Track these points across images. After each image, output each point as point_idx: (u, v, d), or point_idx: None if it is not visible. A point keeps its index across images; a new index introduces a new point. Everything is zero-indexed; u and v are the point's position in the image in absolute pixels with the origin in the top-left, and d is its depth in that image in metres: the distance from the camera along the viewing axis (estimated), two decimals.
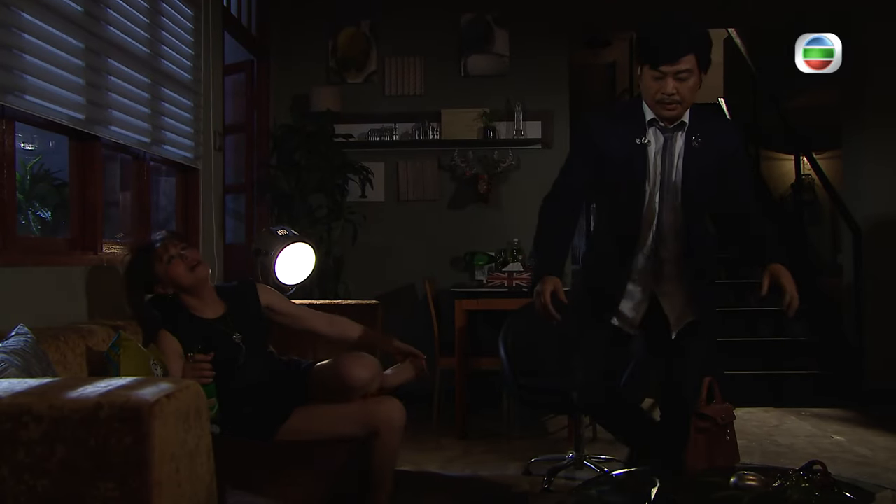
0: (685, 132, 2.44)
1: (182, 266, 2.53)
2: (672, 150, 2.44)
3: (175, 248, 2.55)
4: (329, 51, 5.42)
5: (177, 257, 2.53)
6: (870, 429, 4.46)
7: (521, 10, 5.36)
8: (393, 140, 5.32)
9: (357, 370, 2.45)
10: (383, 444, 2.51)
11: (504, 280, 4.88)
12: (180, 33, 3.54)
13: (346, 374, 2.44)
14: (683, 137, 2.45)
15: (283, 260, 3.60)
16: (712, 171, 2.45)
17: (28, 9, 2.35)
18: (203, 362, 2.32)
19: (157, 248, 2.54)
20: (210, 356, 2.35)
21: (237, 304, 2.66)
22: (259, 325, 2.70)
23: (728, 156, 2.47)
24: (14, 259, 2.37)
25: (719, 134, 2.48)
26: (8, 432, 1.29)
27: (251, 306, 2.71)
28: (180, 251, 2.55)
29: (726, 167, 2.46)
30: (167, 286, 2.54)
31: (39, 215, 5.53)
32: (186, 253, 2.56)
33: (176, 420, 1.33)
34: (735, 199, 2.50)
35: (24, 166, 5.52)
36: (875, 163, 5.44)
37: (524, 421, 4.33)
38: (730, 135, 2.52)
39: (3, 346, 1.83)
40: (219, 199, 4.07)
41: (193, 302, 2.57)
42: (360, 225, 4.90)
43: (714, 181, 2.46)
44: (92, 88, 2.72)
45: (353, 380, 2.44)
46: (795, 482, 1.85)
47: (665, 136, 2.44)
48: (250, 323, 2.65)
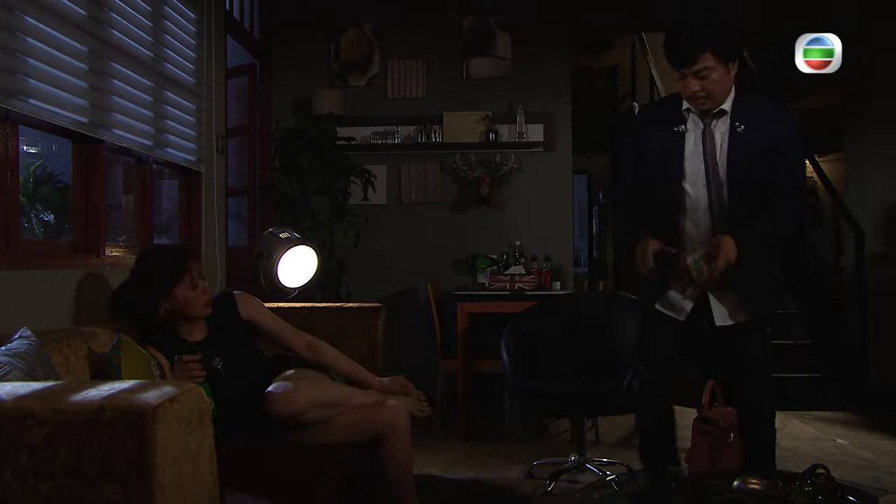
0: (729, 118, 2.44)
1: (203, 298, 2.48)
2: (713, 137, 2.45)
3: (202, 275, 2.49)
4: (331, 54, 5.42)
5: (201, 286, 2.47)
6: (873, 432, 4.45)
7: (523, 13, 5.36)
8: (395, 143, 5.33)
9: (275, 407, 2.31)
10: (390, 449, 2.43)
11: (506, 283, 4.89)
12: (183, 37, 3.55)
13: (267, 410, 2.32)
14: (727, 124, 2.44)
15: (285, 263, 3.60)
16: (760, 156, 2.41)
17: (31, 12, 2.36)
18: (192, 362, 2.29)
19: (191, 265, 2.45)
20: (198, 356, 2.32)
21: (218, 322, 2.58)
22: (242, 338, 2.63)
23: (776, 142, 2.43)
24: (17, 262, 2.37)
25: (767, 121, 2.45)
26: (11, 435, 1.29)
27: (232, 320, 2.63)
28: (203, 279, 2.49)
29: (774, 152, 2.43)
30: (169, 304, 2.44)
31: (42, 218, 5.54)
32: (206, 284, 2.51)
33: (179, 423, 1.33)
34: (775, 181, 2.45)
35: (28, 169, 5.54)
36: (878, 164, 5.44)
37: (527, 424, 4.33)
38: (779, 121, 2.47)
39: (6, 349, 1.83)
40: (221, 201, 4.08)
41: (181, 323, 2.50)
42: (363, 228, 4.91)
43: (762, 166, 2.42)
44: (95, 92, 2.72)
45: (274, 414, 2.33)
46: (798, 486, 1.84)
47: (704, 123, 2.46)
48: (233, 338, 2.59)
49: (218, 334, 2.56)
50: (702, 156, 2.45)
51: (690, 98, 2.42)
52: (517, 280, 4.85)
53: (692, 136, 2.47)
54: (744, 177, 2.43)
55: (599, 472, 3.49)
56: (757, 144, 2.42)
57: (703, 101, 2.40)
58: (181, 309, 2.46)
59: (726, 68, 2.37)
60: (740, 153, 2.42)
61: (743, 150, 2.42)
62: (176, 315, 2.47)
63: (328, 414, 2.39)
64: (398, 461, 2.45)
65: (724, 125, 2.45)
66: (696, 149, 2.46)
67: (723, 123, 2.45)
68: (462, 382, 4.31)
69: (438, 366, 4.56)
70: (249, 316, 2.69)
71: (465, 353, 4.29)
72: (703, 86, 2.36)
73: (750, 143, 2.42)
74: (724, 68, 2.36)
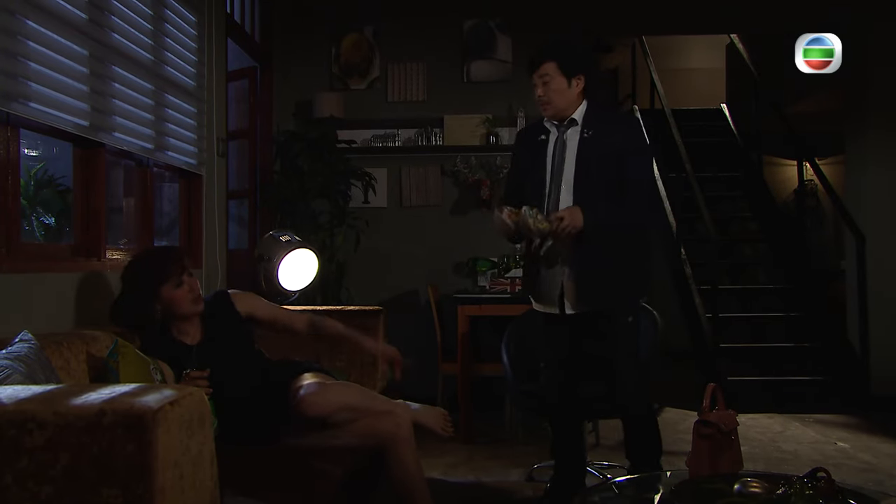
0: (579, 127, 2.84)
1: (190, 295, 2.49)
2: (564, 143, 2.85)
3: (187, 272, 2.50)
4: (332, 57, 5.43)
5: (186, 284, 2.48)
6: (874, 435, 4.45)
7: (523, 16, 5.37)
8: (396, 146, 5.33)
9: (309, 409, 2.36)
10: (395, 459, 2.39)
11: (507, 286, 4.88)
12: (184, 40, 3.55)
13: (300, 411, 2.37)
14: (578, 131, 2.85)
15: (285, 266, 3.61)
16: (605, 159, 2.77)
17: (32, 16, 2.36)
18: (200, 379, 2.27)
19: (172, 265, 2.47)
20: (206, 373, 2.30)
21: (215, 323, 2.58)
22: (240, 337, 2.64)
23: (623, 149, 2.78)
24: (18, 265, 2.37)
25: (615, 130, 2.85)
26: (12, 439, 1.29)
27: (229, 319, 2.64)
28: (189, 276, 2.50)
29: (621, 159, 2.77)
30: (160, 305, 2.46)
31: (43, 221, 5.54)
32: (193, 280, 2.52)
33: (179, 427, 1.33)
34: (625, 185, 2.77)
35: (28, 172, 5.54)
36: (878, 167, 5.44)
37: (527, 427, 4.32)
38: (625, 131, 2.86)
39: (6, 352, 1.83)
40: (222, 204, 4.08)
41: (176, 323, 2.51)
42: (363, 231, 4.91)
43: (608, 169, 2.77)
44: (96, 95, 2.73)
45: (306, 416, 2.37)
46: (799, 489, 1.84)
47: (559, 132, 2.88)
48: (231, 339, 2.59)
49: (215, 335, 2.56)
50: (553, 158, 2.86)
51: (537, 103, 2.87)
52: (518, 283, 4.84)
53: (551, 143, 2.89)
54: (590, 176, 2.77)
55: (600, 475, 3.49)
56: (603, 149, 2.78)
57: (544, 105, 2.84)
58: (171, 309, 2.47)
59: (566, 80, 2.81)
60: (585, 156, 2.80)
61: (588, 153, 2.80)
62: (168, 316, 2.48)
63: (353, 417, 2.42)
64: (404, 477, 2.39)
65: (574, 133, 2.85)
66: (553, 151, 2.87)
67: (574, 131, 2.85)
68: (462, 385, 4.31)
69: (439, 369, 4.55)
70: (247, 310, 2.70)
71: (465, 356, 4.29)
72: (545, 91, 2.81)
73: (596, 148, 2.79)
74: (563, 80, 2.80)
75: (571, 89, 2.82)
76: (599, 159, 2.78)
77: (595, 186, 2.76)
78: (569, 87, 2.82)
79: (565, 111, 2.84)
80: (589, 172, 2.78)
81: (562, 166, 2.82)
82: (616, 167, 2.76)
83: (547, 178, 2.85)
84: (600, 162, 2.77)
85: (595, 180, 2.77)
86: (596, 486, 2.93)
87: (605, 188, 2.77)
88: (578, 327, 2.87)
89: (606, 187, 2.76)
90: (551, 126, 2.90)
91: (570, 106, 2.84)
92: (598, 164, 2.77)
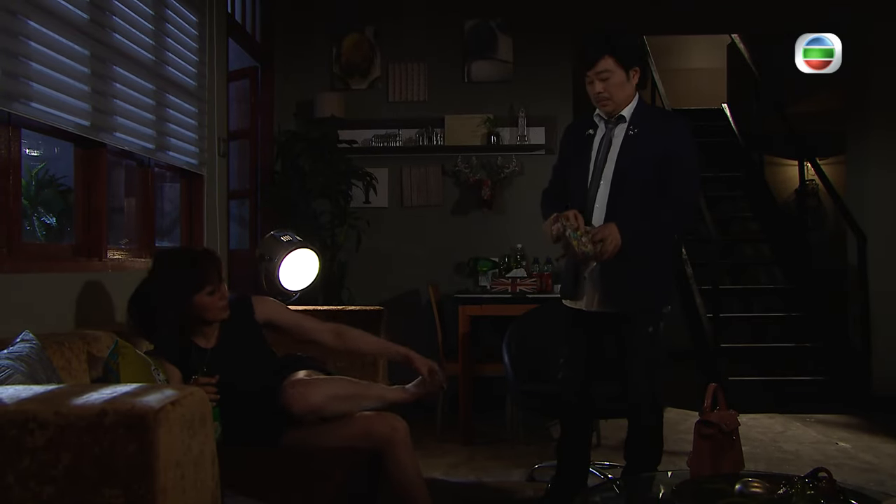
0: (627, 124, 2.80)
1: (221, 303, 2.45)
2: (610, 140, 2.81)
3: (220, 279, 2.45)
4: (333, 57, 5.43)
5: (219, 291, 2.44)
6: (875, 435, 4.45)
7: (524, 16, 5.37)
8: (397, 146, 5.33)
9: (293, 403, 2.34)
10: (392, 461, 2.38)
11: (508, 286, 4.88)
12: (185, 40, 3.55)
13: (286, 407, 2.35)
14: (624, 128, 2.80)
15: (287, 266, 3.60)
16: (649, 159, 2.74)
17: (34, 16, 2.36)
18: (208, 385, 2.26)
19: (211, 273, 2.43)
20: (215, 379, 2.30)
21: (232, 326, 2.55)
22: (254, 340, 2.62)
23: (669, 151, 2.74)
24: (19, 265, 2.37)
25: (661, 129, 2.79)
26: (13, 439, 1.29)
27: (247, 323, 2.62)
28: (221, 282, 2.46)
29: (666, 160, 2.73)
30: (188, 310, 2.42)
31: (44, 221, 5.54)
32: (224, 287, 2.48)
33: (181, 427, 1.33)
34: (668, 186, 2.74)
35: (30, 172, 5.54)
36: (880, 167, 5.43)
37: (528, 427, 4.32)
38: (672, 132, 2.79)
39: (8, 352, 1.83)
40: (223, 204, 4.08)
41: (197, 327, 2.48)
42: (364, 231, 4.91)
43: (651, 169, 2.73)
44: (97, 95, 2.73)
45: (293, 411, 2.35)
46: (800, 489, 1.84)
47: (607, 128, 2.84)
48: (245, 341, 2.58)
49: (231, 339, 2.54)
50: (597, 154, 2.82)
51: (595, 99, 2.80)
52: (518, 283, 4.84)
53: (597, 139, 2.85)
54: (631, 175, 2.74)
55: (601, 476, 3.49)
56: (647, 148, 2.75)
57: (605, 101, 2.78)
58: (199, 314, 2.44)
59: (625, 74, 2.75)
60: (629, 155, 2.76)
61: (632, 153, 2.76)
62: (193, 321, 2.46)
63: (349, 407, 2.40)
64: (403, 480, 2.39)
65: (621, 130, 2.81)
66: (599, 146, 2.83)
67: (620, 129, 2.81)
68: (463, 385, 4.31)
69: (440, 369, 4.54)
70: (266, 317, 2.67)
71: (466, 356, 4.29)
72: (605, 87, 2.74)
73: (640, 147, 2.75)
74: (622, 73, 2.74)
75: (630, 82, 2.78)
76: (640, 159, 2.75)
77: (632, 186, 2.74)
78: (627, 81, 2.77)
79: (623, 105, 2.80)
80: (628, 171, 2.75)
81: (604, 163, 2.79)
82: (654, 168, 2.73)
83: (589, 175, 2.82)
84: (641, 162, 2.74)
85: (632, 179, 2.74)
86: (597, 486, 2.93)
87: (642, 188, 2.74)
88: (601, 327, 2.86)
89: (643, 187, 2.74)
90: (599, 121, 2.87)
91: (627, 99, 2.80)
92: (639, 164, 2.74)
